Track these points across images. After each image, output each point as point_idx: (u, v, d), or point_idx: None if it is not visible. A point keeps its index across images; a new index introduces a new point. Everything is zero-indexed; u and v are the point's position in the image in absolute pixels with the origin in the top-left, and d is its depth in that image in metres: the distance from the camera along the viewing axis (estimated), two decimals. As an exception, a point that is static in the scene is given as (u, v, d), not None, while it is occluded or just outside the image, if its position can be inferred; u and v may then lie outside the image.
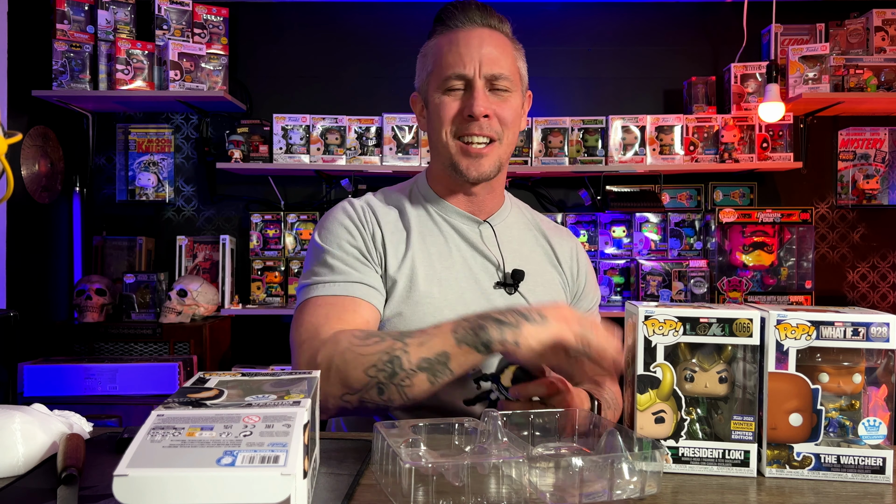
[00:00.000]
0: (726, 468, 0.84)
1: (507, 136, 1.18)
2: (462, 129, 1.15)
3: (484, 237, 1.23)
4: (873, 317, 0.82)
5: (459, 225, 1.23)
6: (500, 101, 1.16)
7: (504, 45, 1.19)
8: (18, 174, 2.73)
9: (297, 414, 0.65)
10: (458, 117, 1.15)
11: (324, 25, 3.16)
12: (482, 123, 1.14)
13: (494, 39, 1.17)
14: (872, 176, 3.13)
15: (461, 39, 1.16)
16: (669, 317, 0.84)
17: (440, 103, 1.17)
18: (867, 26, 3.00)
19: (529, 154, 2.98)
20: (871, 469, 0.82)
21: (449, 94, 1.16)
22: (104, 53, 2.89)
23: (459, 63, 1.14)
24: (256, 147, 2.98)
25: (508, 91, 1.17)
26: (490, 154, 1.16)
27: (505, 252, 1.22)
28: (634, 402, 0.85)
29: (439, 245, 1.20)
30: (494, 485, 0.73)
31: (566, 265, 1.28)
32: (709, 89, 3.05)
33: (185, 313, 2.80)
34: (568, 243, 1.31)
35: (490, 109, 1.14)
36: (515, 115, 1.19)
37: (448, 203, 1.23)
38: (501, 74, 1.15)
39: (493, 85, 1.15)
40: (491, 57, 1.15)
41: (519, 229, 1.28)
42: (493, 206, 1.25)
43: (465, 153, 1.16)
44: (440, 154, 1.19)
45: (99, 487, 0.74)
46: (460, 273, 1.19)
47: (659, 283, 3.01)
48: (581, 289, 1.29)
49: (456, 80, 1.15)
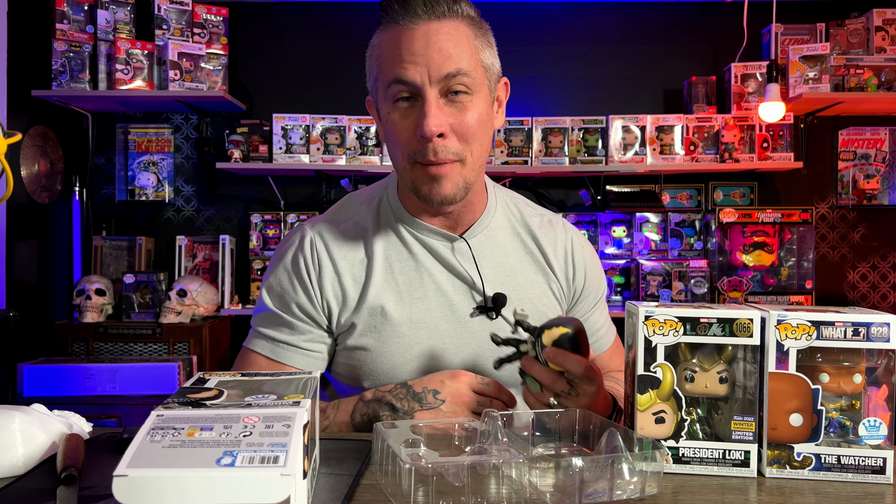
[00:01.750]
0: (726, 468, 0.84)
1: (473, 152, 1.00)
2: (417, 152, 0.98)
3: (459, 255, 1.10)
4: (874, 317, 0.82)
5: (432, 243, 1.09)
6: (458, 112, 0.97)
7: (458, 34, 0.98)
8: (18, 174, 2.73)
9: (296, 414, 0.65)
10: (413, 139, 0.98)
11: (324, 25, 3.16)
12: (436, 146, 0.96)
13: (444, 32, 0.96)
14: (873, 176, 3.13)
15: (403, 39, 0.97)
16: (670, 317, 0.84)
17: (389, 120, 1.00)
18: (867, 26, 3.00)
19: (529, 154, 2.98)
20: (871, 469, 0.82)
21: (397, 106, 0.99)
22: (104, 53, 2.89)
23: (401, 68, 0.96)
24: (256, 147, 2.98)
25: (469, 93, 0.98)
26: (451, 175, 0.99)
27: (486, 268, 1.10)
28: (634, 403, 0.85)
29: (408, 272, 1.09)
30: (494, 485, 0.73)
31: (559, 268, 1.16)
32: (709, 89, 3.05)
33: (184, 313, 2.80)
34: (561, 241, 1.18)
35: (445, 126, 0.96)
36: (480, 124, 0.99)
37: (419, 220, 1.09)
38: (458, 71, 0.96)
39: (449, 87, 0.97)
40: (442, 55, 0.95)
41: (504, 236, 1.15)
42: (472, 217, 1.11)
43: (423, 178, 1.00)
44: (402, 178, 1.05)
45: (99, 487, 0.74)
46: (433, 302, 1.08)
47: (659, 283, 3.01)
48: (580, 289, 1.19)
49: (400, 87, 0.97)
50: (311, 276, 1.08)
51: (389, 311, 1.07)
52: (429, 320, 1.08)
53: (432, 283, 1.09)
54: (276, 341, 1.09)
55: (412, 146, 0.99)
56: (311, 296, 1.08)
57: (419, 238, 1.10)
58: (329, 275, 1.08)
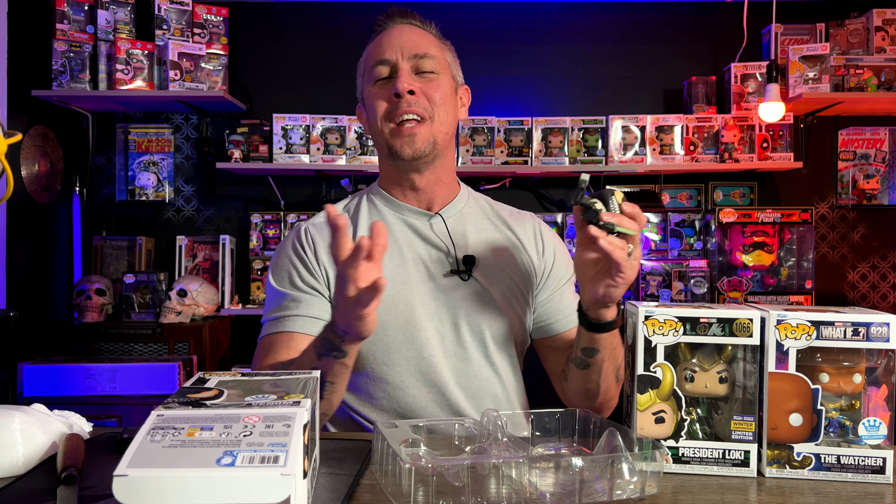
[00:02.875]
0: (726, 468, 0.84)
1: (439, 115, 1.19)
2: (392, 111, 1.18)
3: (435, 229, 1.25)
4: (873, 317, 0.82)
5: (412, 220, 1.25)
6: (426, 82, 1.19)
7: (427, 35, 1.23)
8: (18, 174, 2.73)
9: (296, 414, 0.65)
10: (388, 101, 1.18)
11: (324, 25, 3.16)
12: (409, 100, 1.16)
13: (416, 32, 1.22)
14: (873, 176, 3.13)
15: (384, 35, 1.22)
16: (669, 317, 0.84)
17: (370, 94, 1.21)
18: (867, 26, 3.00)
19: (529, 154, 2.98)
20: (871, 469, 0.82)
21: (377, 84, 1.20)
22: (104, 53, 2.89)
23: (382, 52, 1.20)
24: (256, 147, 2.98)
25: (435, 73, 1.20)
26: (421, 131, 1.18)
27: (458, 240, 1.24)
28: (634, 403, 0.85)
29: (390, 245, 1.21)
30: (494, 485, 0.73)
31: (529, 245, 1.29)
32: (709, 89, 3.05)
33: (184, 313, 2.80)
34: (530, 224, 1.32)
35: (415, 86, 1.17)
36: (445, 96, 1.20)
37: (399, 202, 1.26)
38: (426, 54, 1.19)
39: (419, 67, 1.19)
40: (413, 41, 1.20)
41: (475, 218, 1.29)
42: (444, 198, 1.27)
43: (397, 134, 1.18)
44: (379, 145, 1.23)
45: (99, 487, 0.74)
46: (412, 269, 1.22)
47: (659, 283, 3.01)
48: (550, 263, 1.29)
49: (381, 67, 1.19)
50: (307, 252, 1.22)
51: None
52: (409, 282, 1.21)
53: (411, 252, 1.23)
54: (285, 317, 1.17)
55: (387, 107, 1.18)
56: (311, 267, 1.20)
57: (399, 217, 1.26)
58: (322, 248, 1.22)
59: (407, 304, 1.19)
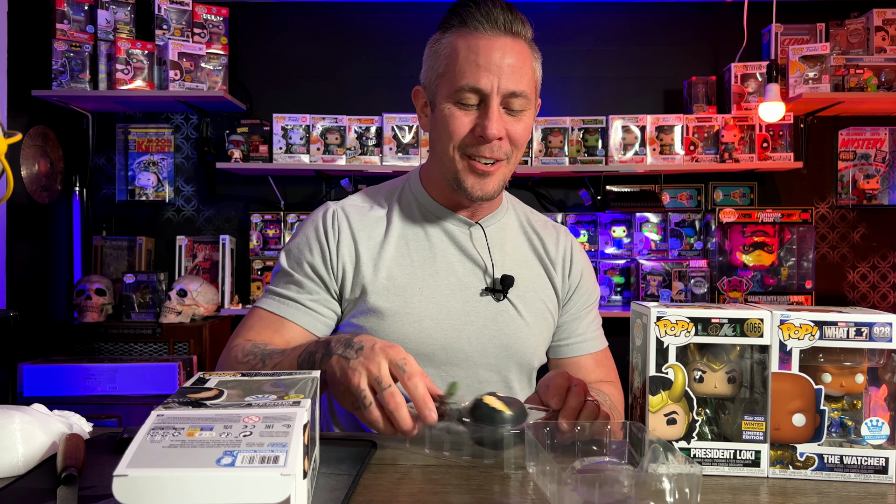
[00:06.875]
0: (737, 469, 0.84)
1: (516, 155, 1.13)
2: (471, 148, 1.09)
3: (474, 239, 1.19)
4: (876, 317, 0.82)
5: (449, 227, 1.19)
6: (514, 121, 1.10)
7: (525, 55, 1.11)
8: (18, 174, 2.73)
9: (296, 414, 0.64)
10: (469, 135, 1.09)
11: (324, 25, 3.16)
12: (493, 146, 1.08)
13: (517, 50, 1.09)
14: (873, 176, 3.13)
15: (481, 48, 1.07)
16: (681, 317, 0.83)
17: (450, 115, 1.09)
18: (867, 26, 3.00)
19: (529, 154, 2.98)
20: (874, 469, 0.82)
21: (460, 106, 1.08)
22: (104, 53, 2.89)
23: (476, 76, 1.06)
24: (256, 147, 2.98)
25: (524, 110, 1.10)
26: (496, 173, 1.11)
27: (497, 256, 1.19)
28: (646, 404, 0.85)
29: (423, 251, 1.17)
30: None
31: (558, 263, 1.25)
32: (709, 89, 3.05)
33: (184, 313, 2.80)
34: (562, 241, 1.27)
35: (503, 131, 1.08)
36: (527, 134, 1.13)
37: (440, 205, 1.19)
38: (521, 93, 1.08)
39: (510, 105, 1.08)
40: (511, 72, 1.07)
41: (513, 231, 1.25)
42: (488, 209, 1.21)
43: (471, 171, 1.10)
44: (443, 166, 1.13)
45: (99, 487, 0.74)
46: (444, 280, 1.16)
47: (659, 283, 3.01)
48: (575, 285, 1.26)
49: (470, 94, 1.07)
50: (328, 239, 1.16)
51: (402, 282, 1.15)
52: (439, 296, 1.15)
53: (445, 263, 1.17)
54: (282, 297, 1.16)
55: (467, 141, 1.09)
56: (326, 257, 1.16)
57: (438, 222, 1.19)
58: (347, 240, 1.16)
59: (432, 319, 1.13)
